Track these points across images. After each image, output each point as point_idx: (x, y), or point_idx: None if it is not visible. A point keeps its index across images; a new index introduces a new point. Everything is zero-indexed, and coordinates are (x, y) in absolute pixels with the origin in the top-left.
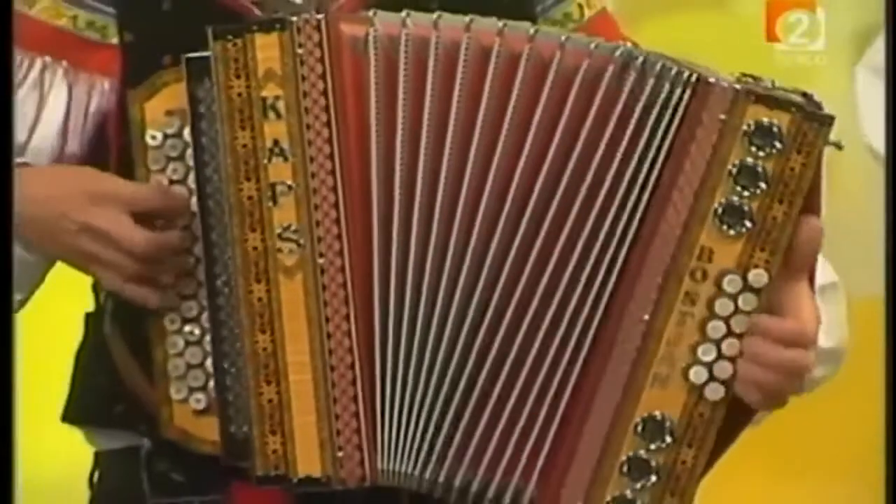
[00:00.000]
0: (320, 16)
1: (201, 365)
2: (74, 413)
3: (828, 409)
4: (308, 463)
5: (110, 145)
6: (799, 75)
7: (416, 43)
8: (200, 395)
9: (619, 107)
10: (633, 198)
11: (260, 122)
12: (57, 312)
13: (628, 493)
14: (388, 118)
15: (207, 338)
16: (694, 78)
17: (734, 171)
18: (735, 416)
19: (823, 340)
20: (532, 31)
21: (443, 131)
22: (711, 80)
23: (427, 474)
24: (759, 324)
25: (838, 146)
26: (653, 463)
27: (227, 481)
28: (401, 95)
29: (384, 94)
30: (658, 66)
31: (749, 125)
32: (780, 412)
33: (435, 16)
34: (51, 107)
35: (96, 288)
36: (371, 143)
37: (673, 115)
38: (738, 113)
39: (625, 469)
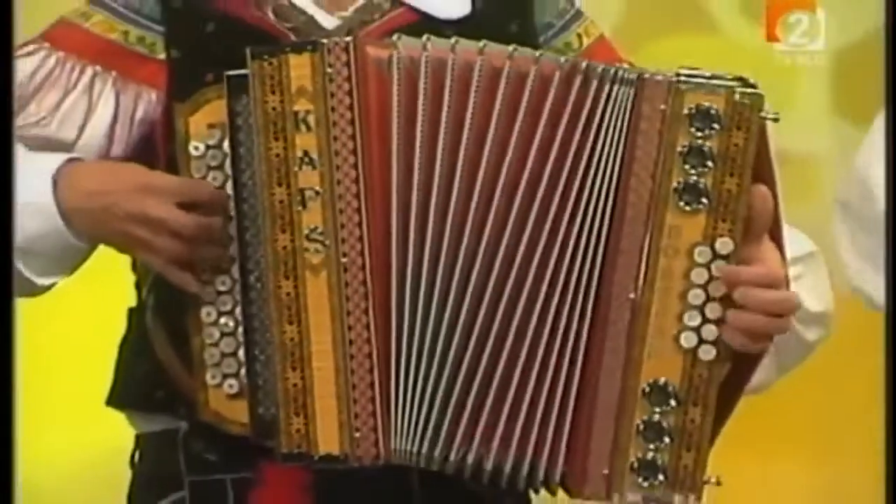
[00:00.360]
0: (348, 39)
1: (234, 353)
2: (118, 399)
3: (821, 391)
4: (328, 442)
5: (158, 152)
6: (799, 75)
7: (435, 64)
8: (233, 381)
9: (585, 110)
10: (600, 190)
11: (292, 134)
12: (97, 309)
13: (648, 454)
14: (408, 131)
15: (240, 329)
16: (633, 76)
17: (683, 153)
18: (735, 372)
19: (813, 305)
20: (538, 54)
21: (457, 142)
22: (647, 75)
23: (436, 453)
24: (734, 274)
25: (775, 119)
26: (664, 424)
27: (256, 460)
28: (420, 110)
29: (405, 110)
30: (599, 70)
31: (690, 110)
32: (777, 390)
33: (452, 41)
34: (99, 112)
35: (139, 285)
36: (392, 153)
37: (621, 111)
38: (677, 102)
39: (640, 433)
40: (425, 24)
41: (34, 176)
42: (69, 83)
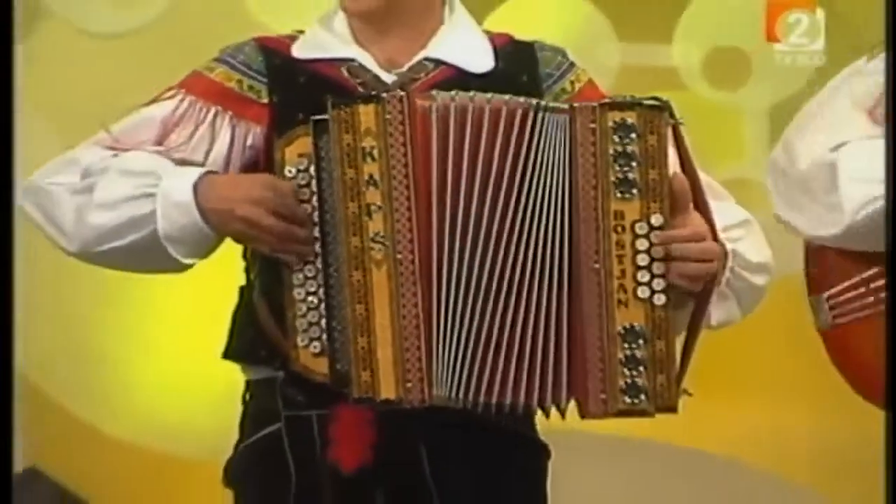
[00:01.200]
0: (402, 93)
1: (318, 323)
2: (233, 354)
3: (774, 341)
4: (387, 390)
5: (278, 170)
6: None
7: (460, 110)
8: (317, 343)
9: (538, 133)
10: (559, 190)
11: (361, 164)
12: (218, 286)
13: (631, 380)
14: (443, 160)
15: (322, 305)
16: (568, 105)
17: (613, 157)
18: (694, 310)
19: (755, 257)
20: (522, 100)
21: (474, 165)
22: (577, 104)
23: (468, 397)
24: (668, 237)
25: (680, 123)
26: (639, 356)
27: (333, 402)
28: (451, 145)
29: (441, 144)
30: (542, 104)
31: (613, 124)
32: (738, 342)
33: (471, 94)
34: (219, 141)
35: (248, 269)
36: (432, 178)
37: (562, 131)
38: (602, 119)
39: (622, 365)
40: (460, 78)
41: (181, 183)
42: (198, 119)
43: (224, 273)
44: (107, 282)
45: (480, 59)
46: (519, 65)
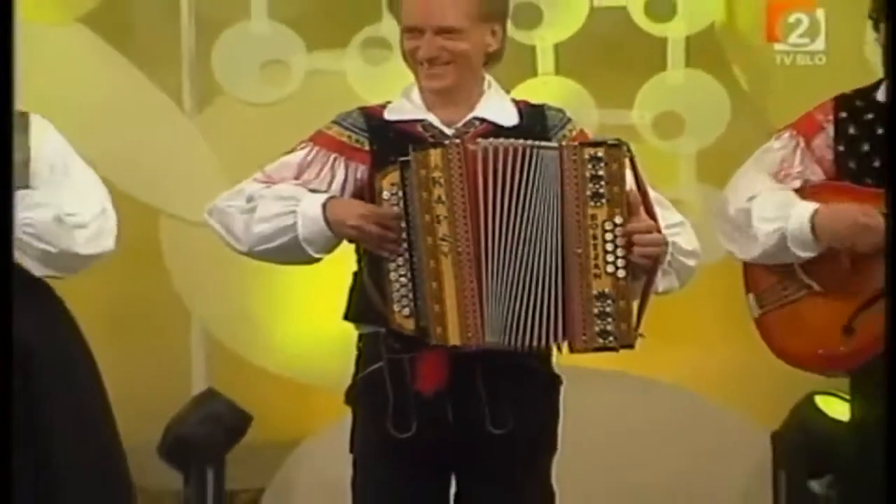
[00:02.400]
0: (458, 140)
1: (406, 295)
2: (351, 316)
3: (703, 299)
4: (454, 338)
5: (365, 198)
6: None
7: (493, 150)
8: (406, 308)
9: (538, 165)
10: (555, 200)
11: (431, 189)
12: (340, 271)
13: (602, 327)
14: (484, 184)
15: (409, 283)
16: (558, 145)
17: (588, 178)
18: (646, 281)
19: (687, 245)
20: (530, 142)
21: (505, 188)
22: (563, 144)
23: (510, 339)
24: (628, 231)
25: (633, 156)
26: (608, 311)
27: (419, 347)
28: (490, 173)
29: (483, 174)
30: (539, 144)
31: (589, 156)
32: (672, 297)
33: (501, 140)
34: (338, 177)
35: (359, 260)
36: (479, 195)
37: (553, 163)
38: (580, 154)
39: (597, 317)
40: (496, 130)
41: (313, 204)
42: (323, 162)
43: (343, 263)
44: (263, 267)
45: (509, 117)
46: (534, 120)
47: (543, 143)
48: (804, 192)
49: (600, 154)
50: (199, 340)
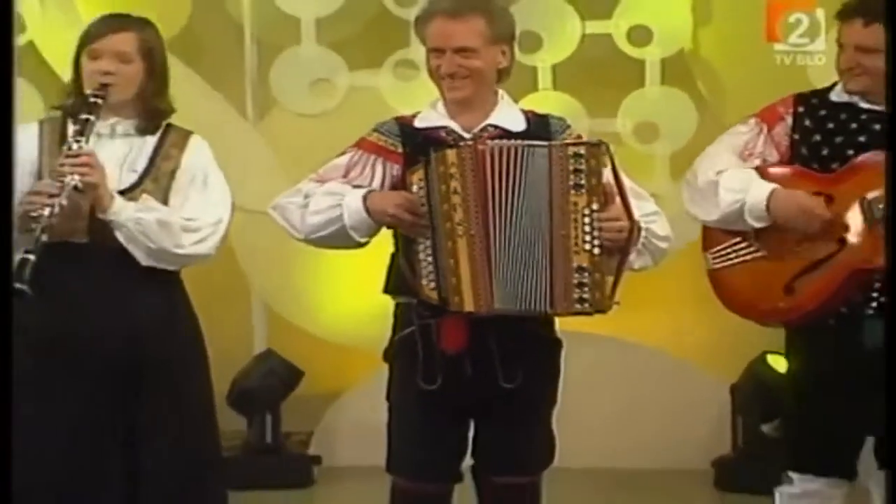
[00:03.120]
0: (472, 143)
1: (432, 271)
2: (388, 290)
3: (678, 277)
4: (469, 305)
5: (408, 188)
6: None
7: (498, 149)
8: (432, 283)
9: (531, 159)
10: (544, 188)
11: (449, 182)
12: (380, 253)
13: (580, 295)
14: (491, 177)
15: (433, 261)
16: (548, 144)
17: (572, 171)
18: (619, 259)
19: (661, 231)
20: (526, 142)
21: (510, 177)
22: (551, 143)
23: (514, 305)
24: (603, 217)
25: (611, 154)
26: (585, 281)
27: (443, 313)
28: (495, 168)
29: (491, 168)
30: (535, 143)
31: (571, 153)
32: (651, 275)
33: (508, 141)
34: (377, 174)
35: (396, 243)
36: (487, 187)
37: (544, 158)
38: (566, 151)
39: (577, 286)
40: (507, 134)
41: (356, 198)
42: (365, 163)
43: (382, 245)
44: (313, 250)
45: (518, 124)
46: (539, 126)
47: (537, 143)
48: (762, 170)
49: (582, 151)
50: (259, 310)
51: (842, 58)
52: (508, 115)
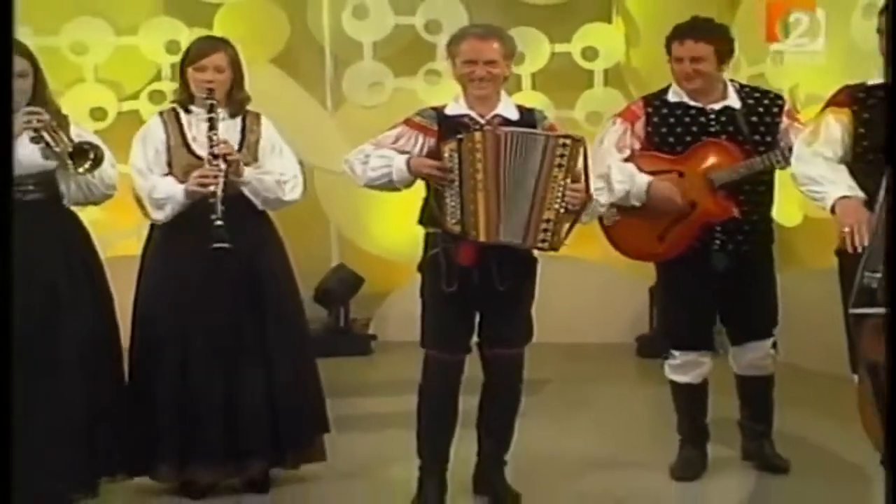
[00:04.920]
0: (488, 128)
1: (455, 212)
2: (422, 222)
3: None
4: (482, 236)
5: (440, 155)
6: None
7: (511, 136)
8: (454, 220)
9: (528, 145)
10: (538, 165)
11: (474, 153)
12: (413, 199)
13: (543, 237)
14: (501, 151)
15: (459, 204)
16: (545, 134)
17: (558, 154)
18: (575, 216)
19: (603, 199)
20: (526, 129)
21: (510, 152)
22: (546, 133)
23: (511, 239)
24: (571, 187)
25: (584, 148)
26: (548, 228)
27: (459, 241)
28: (502, 146)
29: (500, 146)
30: (538, 134)
31: (560, 143)
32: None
33: (507, 128)
34: (418, 144)
35: (427, 190)
36: (499, 156)
37: (542, 145)
38: (558, 142)
39: (542, 231)
40: (507, 122)
41: (402, 160)
42: (409, 136)
43: (417, 191)
44: (372, 193)
45: (513, 114)
46: (527, 116)
47: (538, 132)
48: (635, 158)
49: (567, 143)
50: (334, 237)
51: (679, 67)
52: (508, 107)
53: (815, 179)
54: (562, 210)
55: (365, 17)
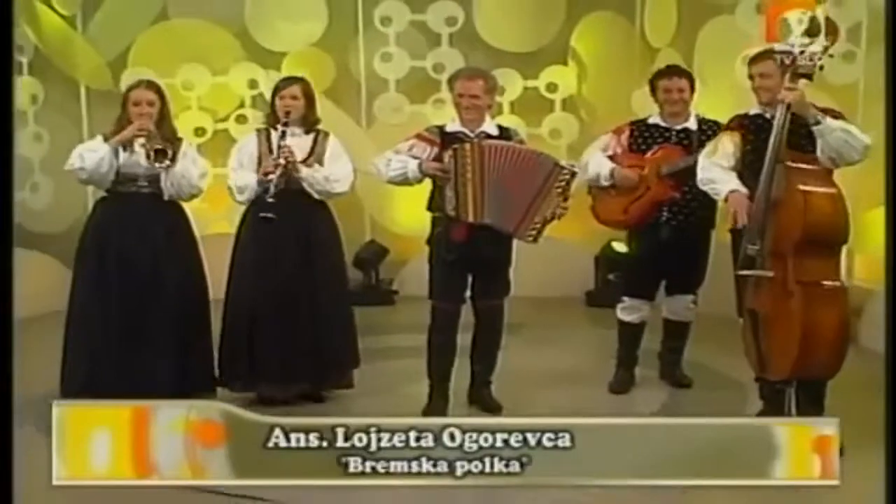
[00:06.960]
0: (476, 140)
1: (452, 201)
2: (430, 208)
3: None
4: (472, 217)
5: (441, 160)
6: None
7: (491, 146)
8: (452, 206)
9: (548, 170)
10: (541, 184)
11: (466, 162)
12: (424, 189)
13: (529, 233)
14: (488, 159)
15: (456, 196)
16: (554, 161)
17: (561, 180)
18: (554, 220)
19: (583, 178)
20: (510, 142)
21: (496, 159)
22: (558, 161)
23: (495, 222)
24: (560, 203)
25: (573, 174)
26: (537, 227)
27: (456, 221)
28: (488, 154)
29: (486, 155)
30: (546, 156)
31: (564, 171)
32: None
33: (496, 141)
34: (426, 152)
35: (433, 185)
36: (485, 165)
37: (549, 169)
38: (561, 169)
39: (531, 228)
40: (489, 136)
41: (414, 163)
42: (420, 146)
43: (426, 186)
44: (394, 188)
45: (494, 131)
46: (505, 133)
47: (539, 152)
48: (615, 156)
49: (567, 172)
50: (368, 219)
51: (667, 97)
52: (490, 126)
53: (713, 180)
54: (548, 218)
55: (389, 61)
